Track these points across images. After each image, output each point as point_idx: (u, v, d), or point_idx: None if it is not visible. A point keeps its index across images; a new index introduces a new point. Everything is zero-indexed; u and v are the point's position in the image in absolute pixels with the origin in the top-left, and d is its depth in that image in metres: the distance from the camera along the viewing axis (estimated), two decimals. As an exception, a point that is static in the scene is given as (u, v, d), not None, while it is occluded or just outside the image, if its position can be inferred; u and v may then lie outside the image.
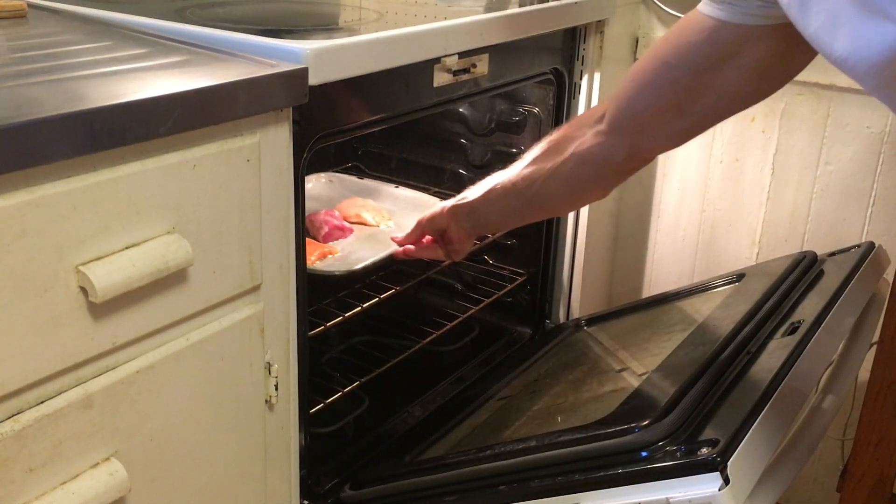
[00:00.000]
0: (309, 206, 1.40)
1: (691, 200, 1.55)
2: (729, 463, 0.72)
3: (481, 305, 1.42)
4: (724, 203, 1.51)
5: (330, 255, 1.25)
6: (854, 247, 1.17)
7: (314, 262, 1.20)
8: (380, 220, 1.36)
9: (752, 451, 0.76)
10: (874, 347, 1.12)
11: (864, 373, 1.35)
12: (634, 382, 0.97)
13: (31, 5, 1.03)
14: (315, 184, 1.49)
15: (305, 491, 1.03)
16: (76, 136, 0.65)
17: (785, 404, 0.83)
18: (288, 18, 1.21)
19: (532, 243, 1.46)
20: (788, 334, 0.95)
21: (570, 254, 1.45)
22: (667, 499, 0.74)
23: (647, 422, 0.80)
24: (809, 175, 1.41)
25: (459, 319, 1.38)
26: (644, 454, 0.78)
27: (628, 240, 1.63)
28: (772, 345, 0.94)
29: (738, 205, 1.49)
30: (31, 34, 0.93)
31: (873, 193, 1.36)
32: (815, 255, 1.16)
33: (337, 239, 1.30)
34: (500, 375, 1.28)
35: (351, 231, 1.33)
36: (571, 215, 1.43)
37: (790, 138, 1.41)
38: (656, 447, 0.78)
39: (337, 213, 1.35)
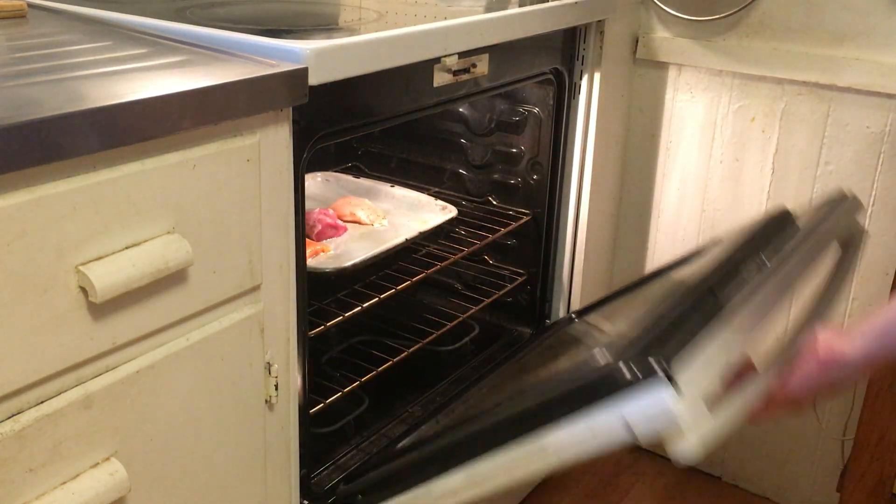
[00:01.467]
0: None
1: (691, 200, 1.55)
2: (679, 375, 0.71)
3: (481, 305, 1.42)
4: (723, 203, 1.51)
5: (322, 253, 1.25)
6: (827, 197, 1.17)
7: (309, 256, 1.20)
8: (374, 218, 1.36)
9: (706, 363, 0.74)
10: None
11: (811, 257, 1.33)
12: (604, 339, 0.97)
13: (31, 5, 1.03)
14: (311, 182, 1.49)
15: (305, 491, 1.03)
16: (76, 136, 0.65)
17: (742, 328, 0.81)
18: (288, 18, 1.21)
19: (532, 243, 1.46)
20: (754, 273, 0.94)
21: (570, 254, 1.45)
22: (622, 415, 0.73)
23: (617, 363, 0.79)
24: (809, 175, 1.41)
25: (459, 319, 1.38)
26: (601, 379, 0.77)
27: (628, 240, 1.63)
28: (736, 281, 0.93)
29: (738, 205, 1.49)
30: (32, 34, 0.92)
31: (873, 193, 1.36)
32: (787, 209, 1.16)
33: (330, 237, 1.30)
34: (492, 368, 1.29)
35: (345, 230, 1.33)
36: (571, 214, 1.43)
37: (790, 138, 1.41)
38: (608, 368, 0.76)
39: (331, 211, 1.35)
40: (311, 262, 1.20)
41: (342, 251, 1.27)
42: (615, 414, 0.73)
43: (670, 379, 0.71)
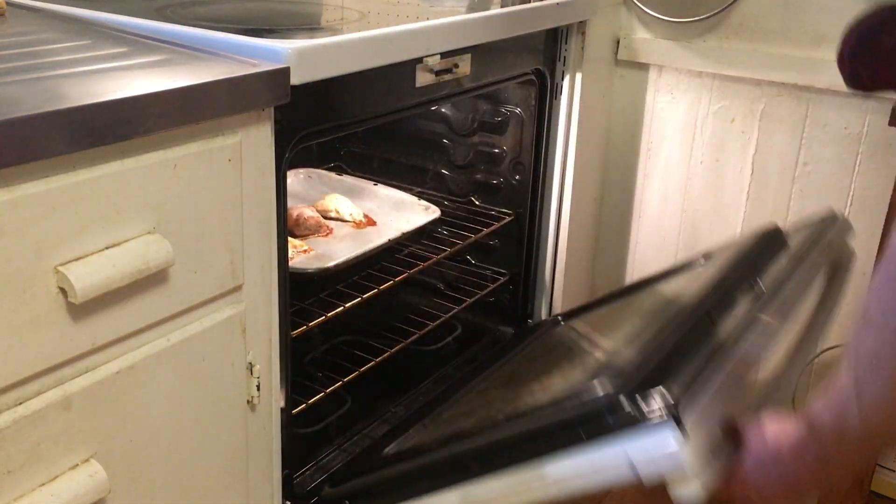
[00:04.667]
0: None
1: (672, 201, 1.56)
2: (686, 416, 0.69)
3: (464, 305, 1.42)
4: (704, 203, 1.52)
5: (305, 253, 1.24)
6: (818, 218, 1.17)
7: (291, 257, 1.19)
8: (358, 217, 1.36)
9: (711, 404, 0.73)
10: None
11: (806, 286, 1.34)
12: (603, 358, 0.97)
13: (9, 3, 1.02)
14: (293, 179, 1.49)
15: (288, 491, 1.03)
16: (55, 136, 0.64)
17: (742, 363, 0.81)
18: (270, 18, 1.21)
19: (514, 243, 1.46)
20: (752, 301, 0.94)
21: (552, 254, 1.46)
22: (626, 454, 0.71)
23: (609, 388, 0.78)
24: (788, 175, 1.42)
25: (442, 319, 1.38)
26: (606, 413, 0.75)
27: (610, 240, 1.64)
28: (735, 310, 0.93)
29: (719, 205, 1.51)
30: (10, 32, 0.92)
31: (851, 193, 1.38)
32: (778, 228, 1.16)
33: (314, 236, 1.29)
34: (479, 371, 1.28)
35: (329, 229, 1.32)
36: (553, 215, 1.43)
37: (769, 139, 1.43)
38: (613, 403, 0.74)
39: (314, 209, 1.35)
40: (293, 262, 1.19)
41: (325, 251, 1.26)
42: (619, 451, 0.71)
43: (678, 421, 0.68)
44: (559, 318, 1.37)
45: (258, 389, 0.90)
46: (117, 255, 0.71)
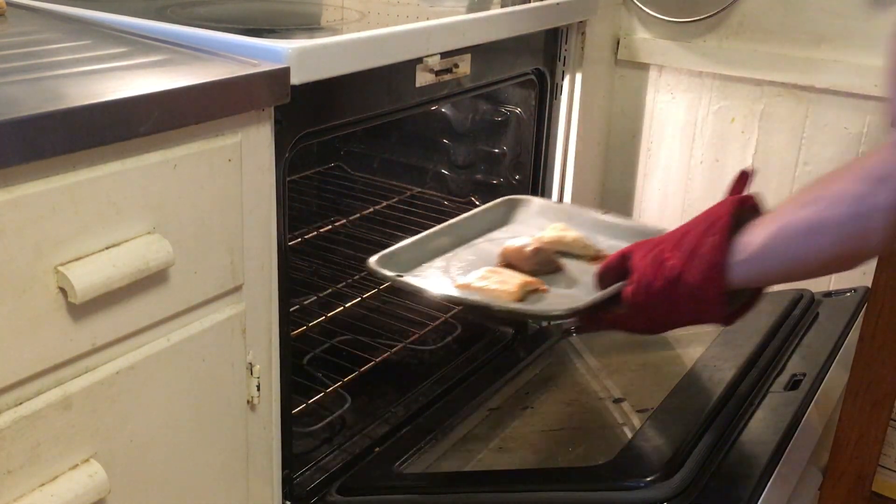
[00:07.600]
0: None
1: (672, 201, 1.56)
2: None
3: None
4: (704, 203, 1.52)
5: (544, 291, 0.98)
6: (850, 290, 1.17)
7: (521, 296, 0.97)
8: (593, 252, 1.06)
9: None
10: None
11: (845, 372, 1.36)
12: (634, 420, 0.97)
13: (9, 3, 1.02)
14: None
15: (288, 491, 1.03)
16: (55, 136, 0.64)
17: (789, 468, 0.84)
18: (270, 18, 1.21)
19: (514, 243, 1.46)
20: (790, 389, 0.95)
21: (553, 254, 1.46)
22: None
23: (652, 477, 0.81)
24: (788, 175, 1.42)
25: (442, 319, 1.38)
26: None
27: (610, 240, 1.64)
28: (774, 399, 0.95)
29: (719, 205, 1.50)
30: (10, 32, 0.92)
31: (851, 194, 1.38)
32: (811, 296, 1.16)
33: (544, 273, 1.02)
34: (486, 381, 1.28)
35: (560, 265, 1.04)
36: (553, 215, 1.43)
37: (769, 139, 1.43)
38: None
39: (540, 242, 1.06)
40: (539, 304, 0.97)
41: (564, 292, 0.99)
42: None
43: None
44: (572, 330, 1.36)
45: (258, 389, 0.90)
46: (117, 255, 0.71)
